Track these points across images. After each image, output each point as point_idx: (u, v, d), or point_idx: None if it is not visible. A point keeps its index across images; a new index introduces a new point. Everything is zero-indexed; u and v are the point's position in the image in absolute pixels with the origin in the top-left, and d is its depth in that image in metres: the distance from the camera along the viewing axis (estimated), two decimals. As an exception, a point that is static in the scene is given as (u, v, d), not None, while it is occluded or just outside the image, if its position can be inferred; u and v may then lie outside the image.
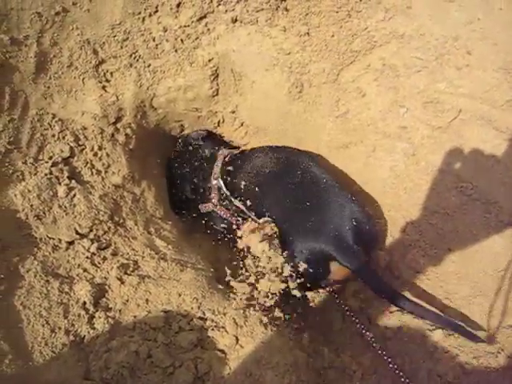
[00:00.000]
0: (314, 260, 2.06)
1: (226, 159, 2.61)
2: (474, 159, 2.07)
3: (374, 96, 2.31)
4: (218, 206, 2.65)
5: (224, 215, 2.65)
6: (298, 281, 2.08)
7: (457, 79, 2.10)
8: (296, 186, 2.18)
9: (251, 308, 2.00)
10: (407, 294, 2.18)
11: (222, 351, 1.79)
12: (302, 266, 2.06)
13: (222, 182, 2.56)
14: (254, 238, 2.37)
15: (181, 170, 2.81)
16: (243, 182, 2.42)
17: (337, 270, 2.08)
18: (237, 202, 2.51)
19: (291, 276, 2.08)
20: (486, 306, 2.00)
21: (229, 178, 2.53)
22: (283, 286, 2.09)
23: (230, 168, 2.53)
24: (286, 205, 2.18)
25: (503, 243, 2.00)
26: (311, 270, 2.08)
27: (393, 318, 2.18)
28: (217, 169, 2.60)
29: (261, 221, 2.32)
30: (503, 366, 1.89)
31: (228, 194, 2.54)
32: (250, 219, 2.47)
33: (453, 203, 2.12)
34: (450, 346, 2.00)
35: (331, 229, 2.01)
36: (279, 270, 2.09)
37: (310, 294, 2.51)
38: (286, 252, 2.10)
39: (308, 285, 2.16)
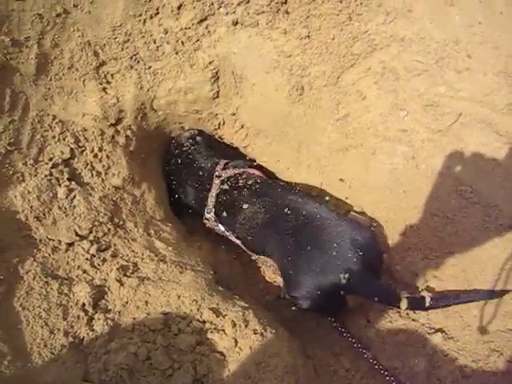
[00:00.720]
0: (331, 297, 2.07)
1: (219, 189, 2.57)
2: (474, 162, 2.07)
3: (374, 99, 2.31)
4: (216, 227, 2.65)
5: (222, 233, 2.67)
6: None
7: (457, 82, 2.10)
8: (293, 231, 2.16)
9: (251, 310, 2.00)
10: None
11: (221, 353, 1.79)
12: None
13: (214, 217, 2.57)
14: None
15: (180, 177, 2.78)
16: (237, 229, 2.44)
17: (351, 299, 2.11)
18: (232, 238, 2.54)
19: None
20: (484, 309, 2.01)
21: (222, 216, 2.53)
22: None
23: (222, 208, 2.53)
24: (287, 251, 2.16)
25: (503, 246, 2.00)
26: (330, 306, 2.16)
27: (392, 321, 2.18)
28: (211, 199, 2.57)
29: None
30: (502, 370, 1.89)
31: (222, 229, 2.56)
32: None
33: (452, 206, 2.12)
34: (450, 350, 2.01)
35: (338, 264, 2.00)
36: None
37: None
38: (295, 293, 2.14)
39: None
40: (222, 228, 2.56)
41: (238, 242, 2.51)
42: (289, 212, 2.20)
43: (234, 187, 2.49)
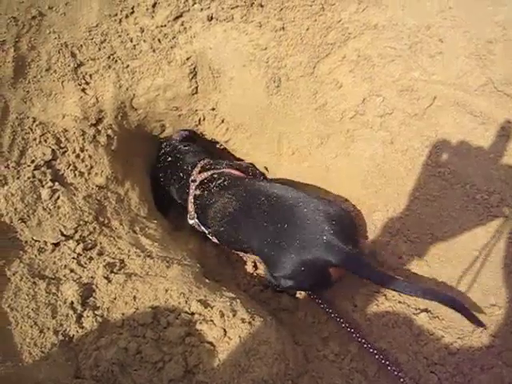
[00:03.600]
0: (314, 271, 2.07)
1: (194, 193, 2.60)
2: (451, 144, 2.11)
3: (350, 87, 2.33)
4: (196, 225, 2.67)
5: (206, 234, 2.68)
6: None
7: (430, 67, 2.13)
8: (267, 213, 2.16)
9: (238, 300, 2.02)
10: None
11: (211, 344, 1.81)
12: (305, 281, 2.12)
13: (197, 222, 2.61)
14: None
15: (168, 180, 2.83)
16: (212, 225, 2.46)
17: (333, 272, 2.09)
18: (214, 239, 2.55)
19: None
20: (468, 286, 2.05)
21: (200, 212, 2.57)
22: None
23: (198, 208, 2.56)
24: (265, 234, 2.15)
25: (482, 225, 2.04)
26: (314, 281, 2.13)
27: (378, 304, 2.21)
28: (191, 205, 2.60)
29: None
30: (486, 345, 1.93)
31: (202, 228, 2.59)
32: None
33: (432, 188, 2.15)
34: (435, 329, 2.04)
35: (317, 238, 2.00)
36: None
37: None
38: (276, 273, 2.14)
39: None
40: (204, 229, 2.59)
41: (216, 240, 2.54)
42: (260, 197, 2.22)
43: (207, 189, 2.52)
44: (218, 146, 3.12)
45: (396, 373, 1.92)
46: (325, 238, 1.97)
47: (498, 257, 2.00)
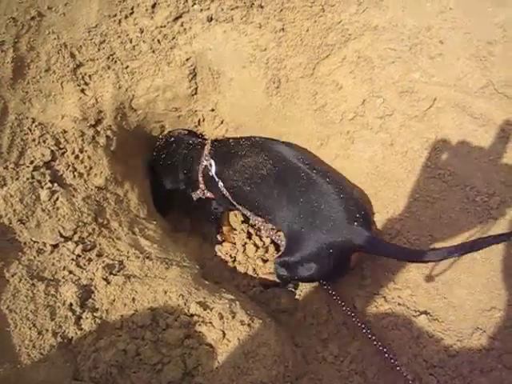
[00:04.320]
0: (341, 254, 2.10)
1: (213, 146, 2.61)
2: (451, 146, 2.11)
3: (350, 88, 2.33)
4: (206, 191, 2.67)
5: (211, 196, 2.69)
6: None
7: (431, 68, 2.13)
8: (303, 191, 2.18)
9: (237, 302, 2.02)
10: (392, 281, 2.23)
11: (210, 346, 1.81)
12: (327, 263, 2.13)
13: (213, 162, 2.55)
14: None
15: (168, 163, 2.79)
16: (234, 180, 2.44)
17: (353, 258, 2.15)
18: (226, 194, 2.52)
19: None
20: (467, 288, 2.04)
21: (217, 167, 2.53)
22: None
23: (219, 158, 2.54)
24: (298, 209, 2.18)
25: (481, 226, 2.03)
26: (337, 266, 2.14)
27: (377, 306, 2.21)
28: (206, 151, 2.58)
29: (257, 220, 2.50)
30: (486, 347, 1.93)
31: (216, 178, 2.54)
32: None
33: (432, 190, 2.15)
34: (435, 331, 2.04)
35: (348, 222, 2.03)
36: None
37: (295, 287, 2.56)
38: (299, 253, 2.16)
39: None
40: (214, 175, 2.54)
41: (227, 195, 2.52)
42: (299, 171, 2.22)
43: (233, 144, 2.53)
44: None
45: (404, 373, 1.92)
46: (356, 223, 2.02)
47: (498, 259, 1.99)
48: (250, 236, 2.90)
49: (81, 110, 2.38)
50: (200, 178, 2.63)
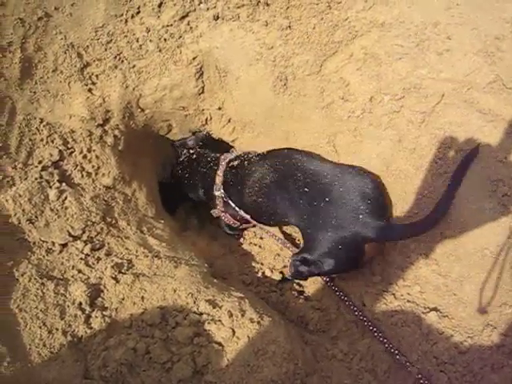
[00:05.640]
0: (353, 248, 2.13)
1: (226, 167, 2.71)
2: (459, 142, 2.09)
3: (357, 85, 2.32)
4: (223, 214, 2.81)
5: (228, 222, 2.83)
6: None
7: (438, 64, 2.12)
8: (304, 188, 2.24)
9: (247, 299, 2.01)
10: (401, 278, 2.22)
11: (220, 344, 1.81)
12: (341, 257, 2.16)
13: (224, 194, 2.69)
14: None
15: (191, 181, 2.93)
16: (247, 196, 2.53)
17: (369, 248, 2.17)
18: (242, 212, 2.61)
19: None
20: (477, 284, 2.03)
21: (231, 190, 2.65)
22: None
23: (232, 180, 2.65)
24: (301, 210, 2.24)
25: (491, 222, 2.02)
26: (353, 258, 2.18)
27: (386, 303, 2.20)
28: (219, 179, 2.70)
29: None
30: (497, 344, 1.92)
31: (233, 205, 2.65)
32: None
33: (440, 187, 2.13)
34: (445, 327, 2.03)
35: (353, 216, 2.08)
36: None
37: (304, 285, 2.55)
38: (317, 252, 2.19)
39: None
40: (232, 204, 2.66)
41: (247, 216, 2.61)
42: (296, 172, 2.30)
43: (243, 160, 2.64)
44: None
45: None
46: (361, 216, 2.06)
47: (509, 255, 1.98)
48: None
49: (88, 110, 2.39)
50: (218, 202, 2.78)
